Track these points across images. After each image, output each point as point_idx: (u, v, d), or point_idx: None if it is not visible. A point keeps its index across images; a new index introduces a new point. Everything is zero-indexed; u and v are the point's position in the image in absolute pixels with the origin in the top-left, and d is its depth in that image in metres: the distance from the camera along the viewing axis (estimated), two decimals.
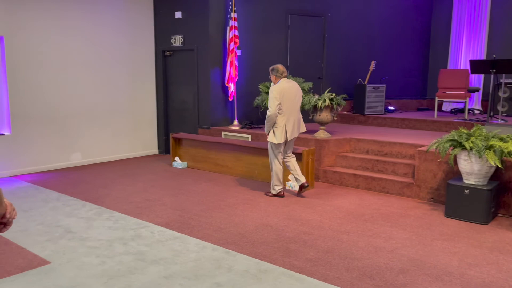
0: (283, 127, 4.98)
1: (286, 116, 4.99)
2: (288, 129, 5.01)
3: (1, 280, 3.10)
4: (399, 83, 9.58)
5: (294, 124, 5.08)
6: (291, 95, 5.01)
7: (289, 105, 5.00)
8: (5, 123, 6.38)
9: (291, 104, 5.02)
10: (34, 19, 6.45)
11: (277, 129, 4.99)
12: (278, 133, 4.99)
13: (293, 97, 5.04)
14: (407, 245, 3.81)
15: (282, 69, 5.03)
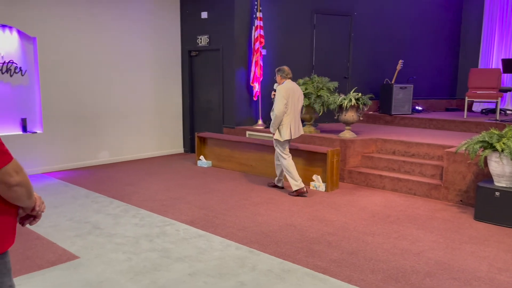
0: (288, 126, 5.15)
1: (290, 115, 5.16)
2: (292, 128, 5.19)
3: (32, 273, 3.21)
4: (427, 82, 9.38)
5: (298, 124, 5.28)
6: (295, 96, 5.20)
7: (293, 105, 5.18)
8: (38, 122, 6.59)
9: (295, 104, 5.22)
10: (65, 20, 6.63)
11: (283, 127, 5.16)
12: (283, 131, 5.16)
13: (297, 98, 5.24)
14: (434, 248, 3.73)
15: (288, 70, 5.25)
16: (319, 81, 6.65)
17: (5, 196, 1.36)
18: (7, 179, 1.33)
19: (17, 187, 1.36)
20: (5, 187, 1.34)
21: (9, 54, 6.23)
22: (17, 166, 1.37)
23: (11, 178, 1.34)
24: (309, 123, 6.75)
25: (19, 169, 1.37)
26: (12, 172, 1.34)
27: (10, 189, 1.35)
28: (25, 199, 1.42)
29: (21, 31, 6.26)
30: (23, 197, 1.40)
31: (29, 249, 3.65)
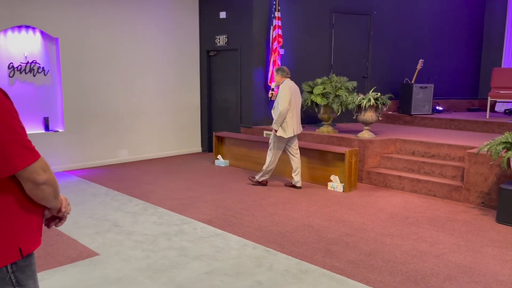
0: (291, 123, 5.37)
1: (293, 112, 5.37)
2: (295, 125, 5.41)
3: (53, 269, 3.28)
4: (448, 82, 9.21)
5: (298, 121, 5.48)
6: (296, 94, 5.44)
7: (295, 103, 5.40)
8: (59, 121, 6.72)
9: (297, 102, 5.44)
10: (86, 21, 6.75)
11: (286, 124, 5.36)
12: (287, 128, 5.36)
13: (298, 96, 5.48)
14: (455, 250, 3.66)
15: (287, 70, 5.51)
16: (338, 80, 6.60)
17: (32, 194, 1.36)
18: (34, 177, 1.32)
19: (44, 185, 1.35)
20: (33, 185, 1.33)
21: (33, 55, 6.38)
22: (44, 164, 1.36)
23: (39, 176, 1.33)
24: (327, 123, 6.71)
25: (46, 167, 1.36)
26: (40, 170, 1.33)
27: (38, 187, 1.34)
28: (52, 199, 1.41)
29: (44, 32, 6.40)
30: (50, 197, 1.40)
31: (51, 246, 3.73)
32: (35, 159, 1.32)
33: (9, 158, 1.27)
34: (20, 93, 6.30)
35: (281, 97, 5.29)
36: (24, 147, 1.31)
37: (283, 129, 5.35)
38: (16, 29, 6.19)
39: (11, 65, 6.19)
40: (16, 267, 1.35)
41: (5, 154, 1.27)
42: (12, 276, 1.35)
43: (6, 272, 1.34)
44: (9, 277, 1.34)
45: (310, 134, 6.61)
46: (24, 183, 1.33)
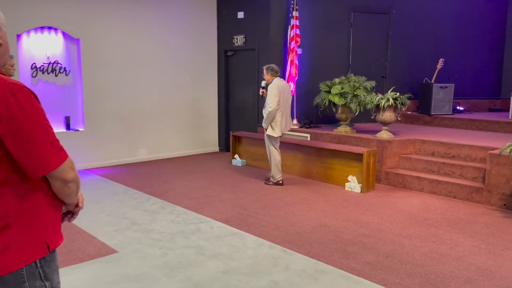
0: (280, 122, 5.46)
1: (282, 111, 5.46)
2: (283, 123, 5.51)
3: (74, 266, 3.34)
4: (469, 82, 9.04)
5: (287, 119, 5.58)
6: (285, 92, 5.50)
7: (285, 102, 5.48)
8: (80, 120, 6.85)
9: (286, 101, 5.52)
10: (106, 22, 6.86)
11: (275, 123, 5.45)
12: (276, 127, 5.46)
13: (287, 95, 5.53)
14: (475, 253, 3.59)
15: (277, 68, 5.54)
16: (356, 80, 6.55)
17: (60, 192, 1.41)
18: (64, 175, 1.37)
19: (72, 183, 1.41)
20: (62, 184, 1.38)
21: (55, 55, 6.51)
22: (72, 163, 1.41)
23: (68, 175, 1.38)
24: (345, 123, 6.66)
25: (73, 165, 1.41)
26: (69, 169, 1.38)
27: (66, 185, 1.39)
28: (74, 195, 1.47)
29: (66, 33, 6.53)
30: (74, 193, 1.45)
31: (71, 242, 3.80)
32: (65, 158, 1.37)
33: (44, 159, 1.31)
34: (43, 93, 6.44)
35: (270, 96, 5.36)
36: (55, 147, 1.35)
37: (272, 128, 5.46)
38: (39, 30, 6.33)
39: (34, 66, 6.33)
40: (43, 262, 1.40)
41: (40, 155, 1.30)
42: (41, 270, 1.40)
43: (36, 267, 1.38)
44: (38, 272, 1.39)
45: (328, 134, 6.57)
46: (54, 182, 1.37)
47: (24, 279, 1.35)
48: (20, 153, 1.29)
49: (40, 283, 1.39)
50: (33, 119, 1.29)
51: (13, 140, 1.27)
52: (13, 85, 1.29)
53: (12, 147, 1.28)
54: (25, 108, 1.28)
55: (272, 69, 5.49)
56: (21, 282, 1.35)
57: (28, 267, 1.36)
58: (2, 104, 1.26)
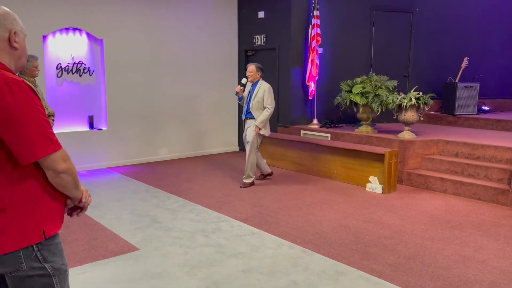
0: (268, 122, 5.70)
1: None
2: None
3: (96, 262, 3.41)
4: (495, 81, 8.82)
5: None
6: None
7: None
8: (103, 119, 6.98)
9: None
10: (129, 22, 6.96)
11: (267, 124, 5.63)
12: (267, 127, 5.63)
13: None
14: (500, 256, 3.51)
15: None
16: (378, 79, 6.47)
17: (53, 182, 1.51)
18: (55, 166, 1.48)
19: (64, 174, 1.50)
20: (53, 174, 1.49)
21: (79, 56, 6.65)
22: (65, 155, 1.50)
23: (59, 166, 1.48)
24: (366, 123, 6.59)
25: (66, 157, 1.51)
26: (60, 160, 1.48)
27: (58, 175, 1.49)
28: (72, 188, 1.56)
29: (90, 34, 6.66)
30: (70, 185, 1.55)
31: (94, 239, 3.88)
32: (56, 149, 1.48)
33: (32, 147, 1.43)
34: (67, 92, 6.59)
35: (270, 96, 5.48)
36: (46, 138, 1.46)
37: (265, 128, 5.58)
38: (64, 31, 6.48)
39: (59, 66, 6.48)
40: (41, 246, 1.51)
41: (29, 143, 1.42)
42: (38, 254, 1.51)
43: (32, 250, 1.50)
44: (34, 254, 1.50)
45: (349, 134, 6.52)
46: (46, 171, 1.49)
47: (22, 260, 1.48)
48: (11, 140, 1.42)
49: (38, 264, 1.51)
50: (26, 110, 1.42)
51: (6, 128, 1.41)
52: (11, 79, 1.42)
53: (4, 134, 1.41)
54: (19, 100, 1.41)
55: (263, 69, 5.62)
56: (19, 263, 1.48)
57: (25, 250, 1.48)
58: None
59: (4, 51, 1.53)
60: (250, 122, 5.60)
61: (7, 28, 1.52)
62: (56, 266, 1.55)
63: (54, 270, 1.54)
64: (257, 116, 5.52)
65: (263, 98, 5.49)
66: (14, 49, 1.55)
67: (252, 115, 5.56)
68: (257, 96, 5.49)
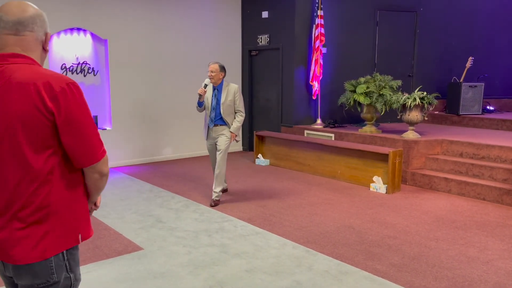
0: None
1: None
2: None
3: (101, 262, 3.42)
4: (500, 81, 8.77)
5: None
6: None
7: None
8: (107, 119, 7.00)
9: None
10: (133, 23, 6.98)
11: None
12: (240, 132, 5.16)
13: None
14: (505, 257, 3.49)
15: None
16: (382, 79, 6.46)
17: (95, 184, 1.51)
18: (103, 168, 1.48)
19: (105, 177, 1.52)
20: (99, 176, 1.49)
21: (83, 56, 6.67)
22: (107, 158, 1.53)
23: (105, 168, 1.50)
24: (370, 123, 6.58)
25: (107, 160, 1.53)
26: (106, 163, 1.51)
27: (102, 178, 1.51)
28: (103, 189, 1.58)
29: (94, 34, 6.68)
30: (103, 187, 1.56)
31: (98, 239, 3.89)
32: (105, 152, 1.49)
33: (94, 150, 1.44)
34: None
35: (241, 99, 4.97)
36: (100, 141, 1.48)
37: (238, 134, 5.08)
38: (68, 31, 6.50)
39: (64, 66, 6.50)
40: (69, 254, 1.48)
41: (90, 146, 1.43)
42: (67, 263, 1.48)
43: (63, 259, 1.47)
44: (65, 264, 1.47)
45: (353, 134, 6.51)
46: (92, 174, 1.48)
47: (53, 271, 1.43)
48: (73, 144, 1.40)
49: (66, 274, 1.48)
50: (86, 113, 1.42)
51: (69, 131, 1.38)
52: (69, 80, 1.41)
53: (66, 138, 1.39)
54: (80, 103, 1.41)
55: (225, 68, 4.99)
56: (50, 273, 1.43)
57: (57, 259, 1.44)
58: (61, 97, 1.37)
59: (38, 52, 1.49)
60: (221, 129, 4.90)
61: (44, 30, 1.49)
62: (77, 277, 1.54)
63: (76, 280, 1.53)
64: (229, 122, 4.89)
65: (233, 102, 4.89)
66: (46, 52, 1.53)
67: (223, 121, 4.90)
68: (227, 99, 4.85)
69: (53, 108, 1.35)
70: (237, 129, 4.95)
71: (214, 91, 4.92)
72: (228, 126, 4.91)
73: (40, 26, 1.46)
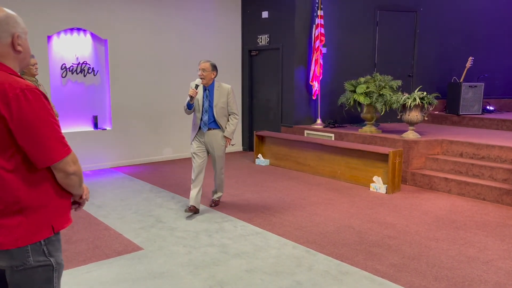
0: None
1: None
2: None
3: (101, 262, 3.42)
4: (500, 81, 8.77)
5: None
6: None
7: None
8: (107, 119, 7.00)
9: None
10: (133, 23, 6.98)
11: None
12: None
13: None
14: (505, 257, 3.49)
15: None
16: (382, 79, 6.46)
17: (62, 183, 1.60)
18: (66, 168, 1.56)
19: (73, 175, 1.59)
20: (64, 175, 1.57)
21: (83, 56, 6.67)
22: (74, 157, 1.59)
23: (70, 168, 1.57)
24: (370, 123, 6.58)
25: (75, 160, 1.60)
26: (71, 163, 1.57)
27: (68, 177, 1.58)
28: (77, 187, 1.65)
29: (94, 34, 6.68)
30: (76, 185, 1.63)
31: (98, 239, 3.89)
32: (68, 153, 1.56)
33: (49, 152, 1.51)
34: (72, 92, 6.62)
35: (235, 102, 4.63)
36: (59, 143, 1.54)
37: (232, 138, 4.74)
38: (68, 32, 6.50)
39: (64, 66, 6.50)
40: (47, 240, 1.59)
41: (46, 148, 1.50)
42: (45, 248, 1.59)
43: (40, 245, 1.57)
44: (42, 249, 1.58)
45: (353, 134, 6.51)
46: (57, 173, 1.57)
47: (29, 254, 1.55)
48: (28, 147, 1.48)
49: (44, 258, 1.58)
50: (41, 117, 1.48)
51: (23, 135, 1.47)
52: (25, 86, 1.47)
53: (22, 141, 1.47)
54: (35, 108, 1.47)
55: (217, 67, 4.57)
56: (26, 257, 1.55)
57: (33, 244, 1.55)
58: (14, 103, 1.44)
59: (9, 56, 1.56)
60: (215, 134, 4.52)
61: (9, 32, 1.54)
62: (58, 261, 1.63)
63: (57, 264, 1.63)
64: (223, 125, 4.53)
65: (227, 103, 4.53)
66: (18, 53, 1.58)
67: (216, 124, 4.52)
68: (220, 101, 4.49)
69: (5, 113, 1.44)
70: (232, 133, 4.58)
71: (205, 91, 4.51)
72: (222, 130, 4.54)
73: (5, 31, 1.53)
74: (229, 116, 4.60)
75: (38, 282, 1.58)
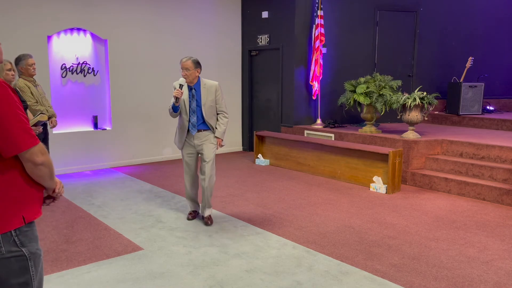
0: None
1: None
2: None
3: (100, 262, 3.42)
4: (501, 81, 8.77)
5: None
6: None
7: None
8: (107, 119, 7.00)
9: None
10: (133, 23, 6.98)
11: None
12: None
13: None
14: (505, 257, 3.49)
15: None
16: (382, 79, 6.46)
17: (31, 173, 1.62)
18: (34, 158, 1.59)
19: (42, 166, 1.62)
20: (32, 165, 1.60)
21: (83, 56, 6.67)
22: (42, 149, 1.62)
23: (37, 158, 1.60)
24: (370, 123, 6.58)
25: (44, 151, 1.63)
26: (38, 153, 1.60)
27: (36, 167, 1.61)
28: (48, 179, 1.68)
29: (94, 34, 6.68)
30: (46, 176, 1.66)
31: (98, 239, 3.89)
32: (35, 143, 1.59)
33: (15, 141, 1.54)
34: (72, 92, 6.62)
35: (224, 99, 4.30)
36: (26, 133, 1.57)
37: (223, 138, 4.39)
38: (68, 32, 6.50)
39: (64, 66, 6.50)
40: (19, 231, 1.61)
41: (12, 138, 1.54)
42: (16, 238, 1.61)
43: (11, 235, 1.60)
44: (13, 239, 1.60)
45: (352, 134, 6.51)
46: (25, 163, 1.60)
47: (1, 245, 1.57)
48: None
49: (16, 248, 1.60)
50: (7, 108, 1.52)
51: None
52: None
53: None
54: (1, 100, 1.51)
55: (201, 64, 4.19)
56: None
57: (3, 235, 1.57)
58: None
59: None
60: (205, 135, 4.19)
61: None
62: (32, 250, 1.65)
63: (31, 254, 1.64)
64: (213, 125, 4.21)
65: (215, 101, 4.20)
66: None
67: (206, 125, 4.18)
68: (208, 99, 4.15)
69: None
70: (223, 134, 4.26)
71: (191, 91, 4.15)
72: (212, 130, 4.22)
73: None
74: (218, 115, 4.25)
75: (14, 271, 1.60)
